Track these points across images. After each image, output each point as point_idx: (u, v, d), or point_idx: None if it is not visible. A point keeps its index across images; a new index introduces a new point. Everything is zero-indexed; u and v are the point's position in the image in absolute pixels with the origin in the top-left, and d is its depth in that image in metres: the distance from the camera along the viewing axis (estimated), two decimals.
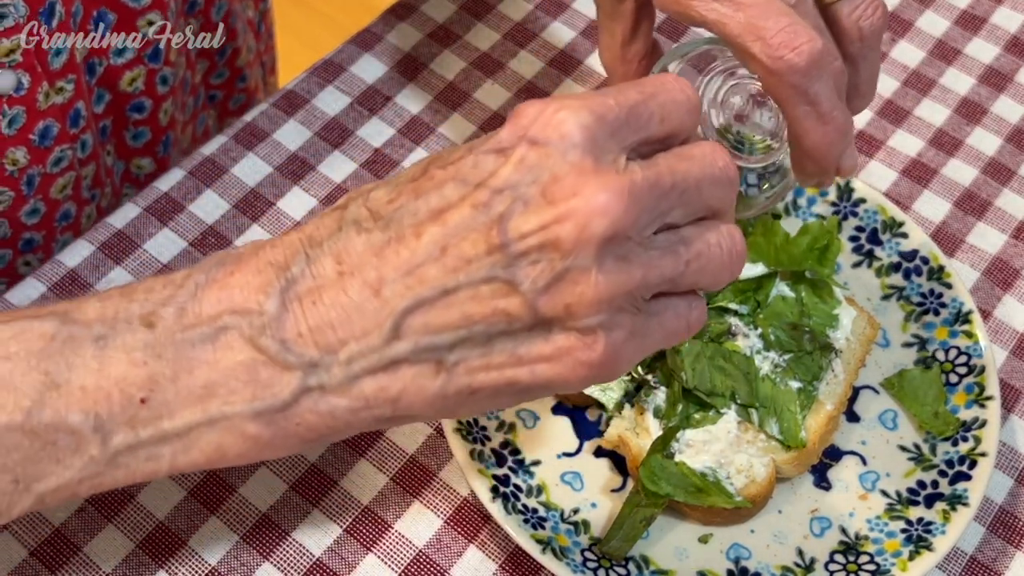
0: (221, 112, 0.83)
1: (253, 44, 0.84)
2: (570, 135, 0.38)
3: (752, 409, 0.57)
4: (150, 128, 0.73)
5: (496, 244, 0.39)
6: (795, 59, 0.44)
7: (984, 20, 0.79)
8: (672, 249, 0.41)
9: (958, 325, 0.61)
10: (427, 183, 0.40)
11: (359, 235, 0.40)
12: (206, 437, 0.41)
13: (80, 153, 0.67)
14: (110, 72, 0.68)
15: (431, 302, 0.39)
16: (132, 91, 0.70)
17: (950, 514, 0.55)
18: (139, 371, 0.40)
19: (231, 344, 0.40)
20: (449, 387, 0.41)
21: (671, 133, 0.41)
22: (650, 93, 0.41)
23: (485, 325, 0.40)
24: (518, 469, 0.57)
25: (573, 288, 0.39)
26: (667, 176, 0.40)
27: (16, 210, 0.65)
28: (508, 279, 0.39)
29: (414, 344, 0.40)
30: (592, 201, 0.38)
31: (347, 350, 0.40)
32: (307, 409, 0.41)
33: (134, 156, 0.74)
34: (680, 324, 0.43)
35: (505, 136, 0.40)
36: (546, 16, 0.76)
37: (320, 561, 0.55)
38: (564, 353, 0.40)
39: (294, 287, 0.40)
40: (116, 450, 0.41)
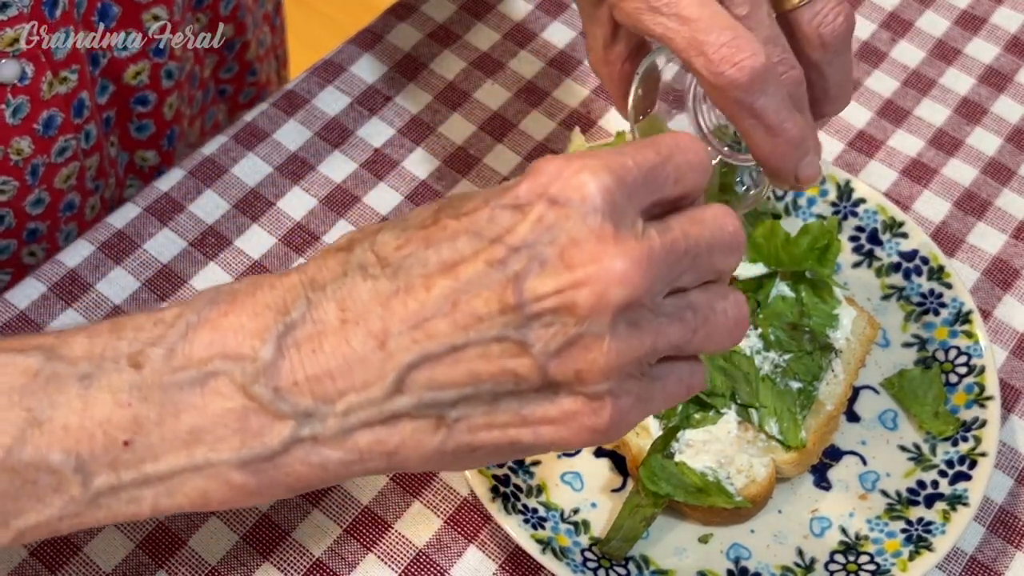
0: (231, 106, 0.83)
1: (268, 38, 0.84)
2: (591, 198, 0.38)
3: (752, 409, 0.57)
4: (154, 121, 0.73)
5: (510, 304, 0.38)
6: (736, 75, 0.44)
7: (984, 20, 0.79)
8: (680, 316, 0.40)
9: (958, 325, 0.61)
10: (439, 232, 0.39)
11: (365, 281, 0.39)
12: (190, 483, 0.40)
13: (84, 143, 0.67)
14: (114, 64, 0.68)
15: (438, 358, 0.38)
16: (136, 84, 0.69)
17: (950, 514, 0.55)
18: (124, 412, 0.39)
19: (221, 390, 0.39)
20: (448, 443, 0.40)
21: (684, 195, 0.41)
22: (667, 155, 0.40)
23: (492, 384, 0.39)
24: (518, 469, 0.57)
25: (585, 354, 0.38)
26: (681, 242, 0.39)
27: (20, 200, 0.65)
28: (520, 340, 0.38)
29: (418, 399, 0.39)
30: (611, 269, 0.37)
31: (345, 401, 0.39)
32: (298, 460, 0.40)
33: (138, 148, 0.74)
34: (682, 388, 0.42)
35: (523, 192, 0.39)
36: (546, 16, 0.76)
37: (320, 561, 0.55)
38: (570, 417, 0.39)
39: (292, 332, 0.39)
40: (97, 491, 0.40)
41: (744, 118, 0.46)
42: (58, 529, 0.41)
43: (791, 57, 0.47)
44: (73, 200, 0.69)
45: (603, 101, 0.72)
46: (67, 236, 0.70)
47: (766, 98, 0.45)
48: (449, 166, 0.69)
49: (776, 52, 0.46)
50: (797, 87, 0.47)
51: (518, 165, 0.69)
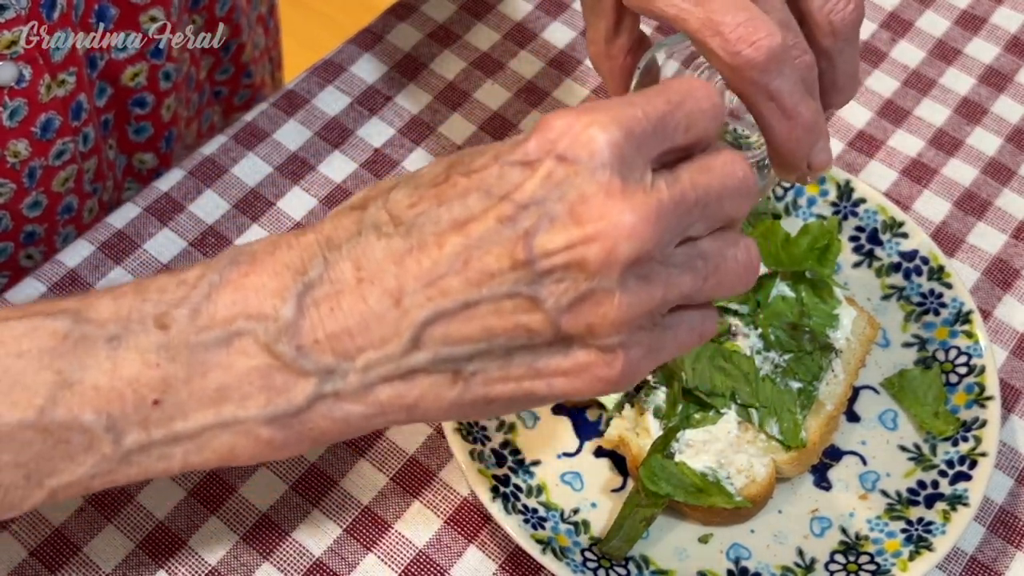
0: (227, 108, 0.83)
1: (261, 40, 0.84)
2: (599, 153, 0.38)
3: (752, 409, 0.57)
4: (152, 123, 0.73)
5: (521, 260, 0.38)
6: (753, 54, 0.44)
7: (984, 20, 0.79)
8: (691, 265, 0.41)
9: (958, 325, 0.61)
10: (450, 190, 0.40)
11: (379, 240, 0.40)
12: (219, 439, 0.41)
13: (82, 146, 0.67)
14: (112, 66, 0.68)
15: (452, 314, 0.39)
16: (134, 86, 0.69)
17: (950, 514, 0.55)
18: (152, 372, 0.40)
19: (245, 349, 0.40)
20: (466, 396, 0.41)
21: (696, 142, 0.41)
22: (677, 102, 0.40)
23: (506, 339, 0.40)
24: (518, 469, 0.57)
25: (596, 308, 0.39)
26: (691, 192, 0.40)
27: (18, 203, 0.65)
28: (531, 295, 0.39)
29: (433, 355, 0.40)
30: (620, 224, 0.38)
31: (364, 357, 0.40)
32: (321, 415, 0.41)
33: (136, 151, 0.74)
34: (693, 336, 0.43)
35: (532, 148, 0.39)
36: (546, 16, 0.76)
37: (320, 561, 0.55)
38: (583, 369, 0.40)
39: (311, 292, 0.40)
40: (128, 449, 0.41)
41: (760, 100, 0.46)
42: (90, 487, 0.42)
43: (804, 42, 0.47)
44: (71, 203, 0.69)
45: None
46: (65, 239, 0.70)
47: (782, 79, 0.45)
48: None
49: (789, 36, 0.46)
50: (809, 72, 0.47)
51: None
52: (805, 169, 0.48)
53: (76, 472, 0.41)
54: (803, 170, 0.48)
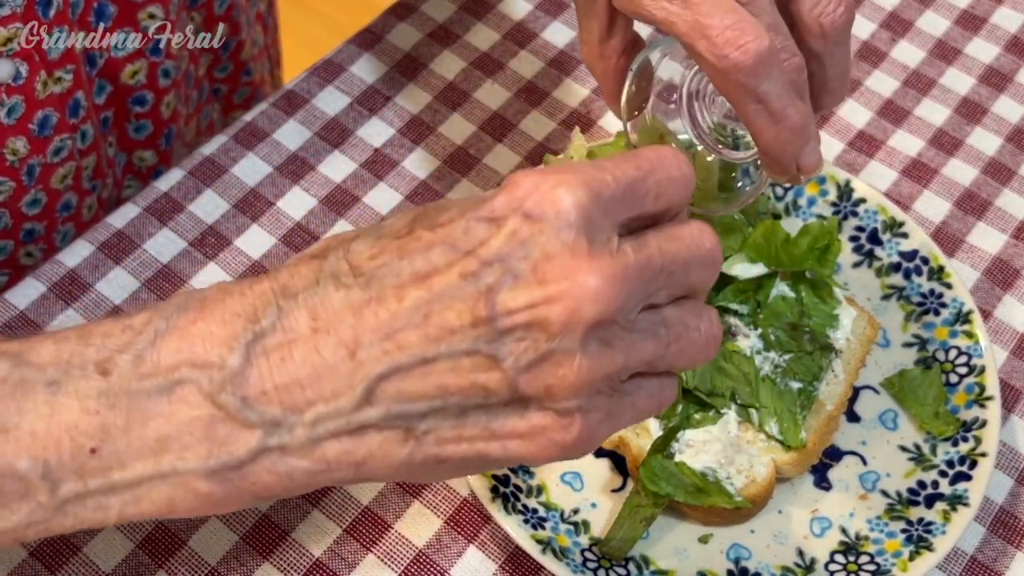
0: (226, 106, 0.83)
1: (260, 38, 0.84)
2: (566, 213, 0.38)
3: (752, 409, 0.57)
4: (152, 121, 0.72)
5: (482, 317, 0.38)
6: (740, 57, 0.44)
7: (984, 20, 0.79)
8: (654, 331, 0.40)
9: (958, 325, 0.61)
10: (413, 243, 0.39)
11: (337, 291, 0.39)
12: (156, 491, 0.39)
13: (80, 143, 0.67)
14: (111, 64, 0.68)
15: (408, 369, 0.38)
16: (134, 84, 0.69)
17: (950, 514, 0.55)
18: (91, 420, 0.39)
19: (188, 398, 0.39)
20: (417, 455, 0.40)
21: (665, 210, 0.41)
22: (648, 170, 0.40)
23: (461, 397, 0.39)
24: (518, 469, 0.57)
25: (556, 370, 0.38)
26: (657, 258, 0.39)
27: (17, 200, 0.65)
28: (491, 354, 0.38)
29: (386, 411, 0.38)
30: (584, 286, 0.37)
31: (314, 411, 0.38)
32: (264, 469, 0.39)
33: (136, 148, 0.74)
34: (652, 403, 0.42)
35: (499, 205, 0.38)
36: (546, 16, 0.76)
37: (320, 561, 0.55)
38: (539, 432, 0.39)
39: (262, 341, 0.38)
40: (64, 498, 0.39)
41: (748, 103, 0.45)
42: (24, 536, 0.40)
43: (793, 45, 0.47)
44: (70, 200, 0.69)
45: (603, 101, 0.72)
46: (64, 236, 0.70)
47: (770, 82, 0.45)
48: (449, 166, 0.69)
49: (778, 39, 0.46)
50: (799, 75, 0.47)
51: (518, 165, 0.69)
52: (795, 171, 0.48)
53: (10, 520, 0.39)
54: (793, 172, 0.48)
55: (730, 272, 0.59)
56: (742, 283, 0.59)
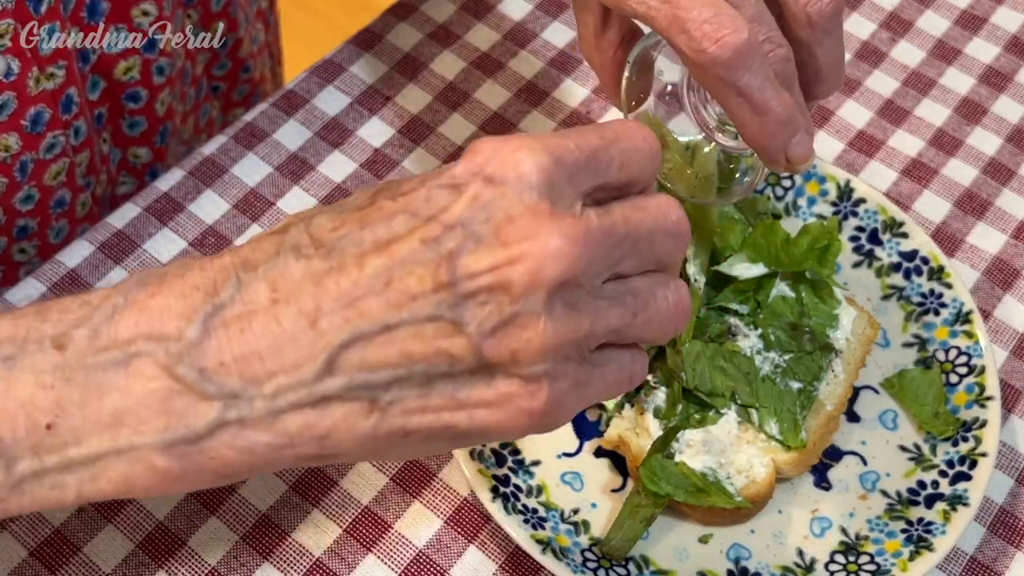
0: (225, 104, 0.83)
1: (261, 35, 0.83)
2: (527, 175, 0.37)
3: (752, 409, 0.57)
4: (146, 118, 0.72)
5: (444, 282, 0.37)
6: (718, 51, 0.43)
7: (984, 20, 0.79)
8: (620, 300, 0.40)
9: (958, 325, 0.61)
10: (375, 213, 0.39)
11: (298, 262, 0.38)
12: (113, 467, 0.39)
13: (73, 140, 0.67)
14: (104, 60, 0.67)
15: (370, 337, 0.37)
16: (127, 80, 0.69)
17: (950, 514, 0.55)
18: (46, 395, 0.38)
19: (144, 371, 0.38)
20: (381, 428, 0.39)
21: (629, 181, 0.40)
22: (611, 139, 0.40)
23: (425, 365, 0.38)
24: (518, 469, 0.57)
25: (521, 334, 0.37)
26: (621, 225, 0.39)
27: (9, 196, 0.65)
28: (454, 319, 0.37)
29: (348, 381, 0.38)
30: (546, 245, 0.37)
31: (274, 382, 0.38)
32: (223, 443, 0.38)
33: (131, 145, 0.74)
34: (623, 376, 0.41)
35: (460, 171, 0.38)
36: (546, 16, 0.76)
37: (320, 561, 0.55)
38: (506, 400, 0.39)
39: (221, 313, 0.38)
40: (21, 476, 0.39)
41: (728, 96, 0.45)
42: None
43: (778, 35, 0.46)
44: (63, 197, 0.69)
45: (603, 101, 0.72)
46: (58, 233, 0.70)
47: (750, 75, 0.44)
48: None
49: (762, 30, 0.46)
50: (784, 65, 0.46)
51: None
52: (784, 163, 0.48)
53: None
54: (783, 163, 0.48)
55: (730, 272, 0.59)
56: (742, 283, 0.59)
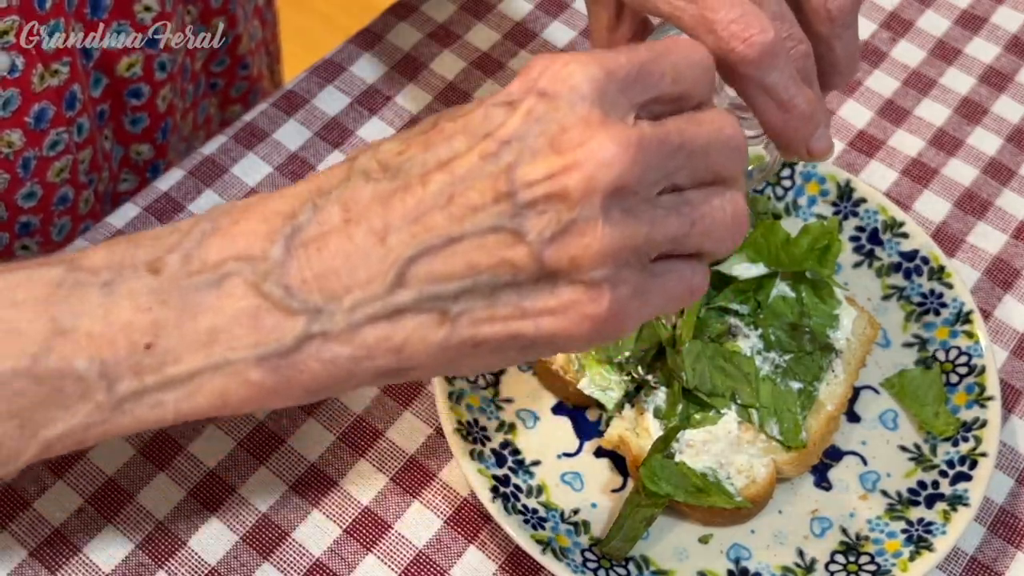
0: (223, 100, 0.83)
1: (258, 32, 0.83)
2: (579, 87, 0.39)
3: (752, 409, 0.57)
4: (148, 114, 0.72)
5: (503, 193, 0.38)
6: (746, 51, 0.44)
7: (984, 20, 0.79)
8: (677, 209, 0.41)
9: (959, 325, 0.61)
10: (437, 135, 0.40)
11: (367, 184, 0.40)
12: (210, 383, 0.41)
13: (77, 137, 0.67)
14: (107, 56, 0.68)
15: (436, 250, 0.39)
16: (130, 76, 0.69)
17: (951, 514, 0.55)
18: (144, 317, 0.40)
19: (234, 290, 0.40)
20: (453, 338, 0.40)
21: (683, 94, 0.41)
22: (662, 52, 0.41)
23: (490, 275, 0.39)
24: (518, 469, 0.57)
25: (579, 240, 0.38)
26: (675, 135, 0.40)
27: (12, 193, 0.65)
28: (514, 229, 0.39)
29: (418, 293, 0.40)
30: (599, 152, 0.38)
31: (351, 297, 0.40)
32: (310, 356, 0.41)
33: (133, 142, 0.74)
34: (683, 288, 0.42)
35: (515, 89, 0.40)
36: (546, 16, 0.76)
37: (320, 561, 0.55)
38: (569, 306, 0.40)
39: (299, 234, 0.40)
40: (122, 396, 0.41)
41: (755, 94, 0.46)
42: (84, 440, 0.42)
43: (799, 32, 0.47)
44: (66, 194, 0.69)
45: None
46: (60, 230, 0.70)
47: (776, 73, 0.45)
48: None
49: (784, 27, 0.46)
50: (805, 61, 0.47)
51: None
52: (806, 155, 0.49)
53: (70, 422, 0.41)
54: (804, 156, 0.49)
55: (730, 272, 0.59)
56: (742, 283, 0.59)
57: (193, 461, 0.57)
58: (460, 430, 0.55)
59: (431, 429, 0.59)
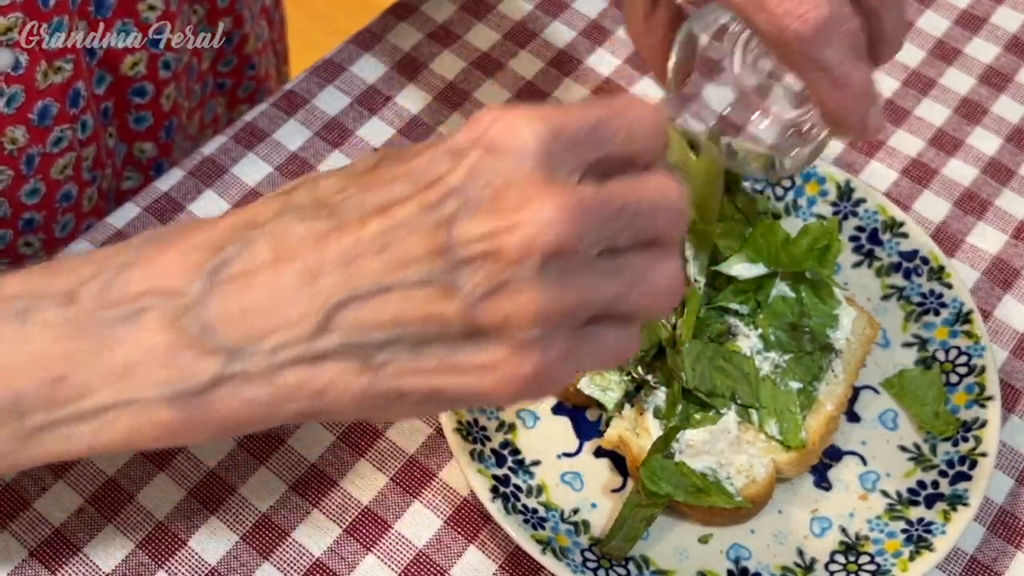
0: (231, 100, 0.83)
1: (265, 32, 0.83)
2: (526, 144, 0.38)
3: (752, 409, 0.57)
4: (152, 113, 0.72)
5: (440, 246, 0.38)
6: (800, 28, 0.44)
7: (984, 20, 0.79)
8: (615, 272, 0.40)
9: (958, 325, 0.61)
10: (378, 177, 0.39)
11: (302, 222, 0.39)
12: (122, 419, 0.40)
13: (80, 134, 0.67)
14: (111, 55, 0.67)
15: (366, 297, 0.38)
16: (134, 75, 0.69)
17: (950, 514, 0.55)
18: (58, 347, 0.39)
19: (149, 325, 0.39)
20: (374, 387, 0.39)
21: (633, 154, 0.40)
22: (615, 112, 0.40)
23: (418, 328, 0.38)
24: (518, 469, 0.57)
25: (513, 300, 0.38)
26: (619, 198, 0.39)
27: (16, 190, 0.65)
28: (448, 283, 0.38)
29: (343, 339, 0.38)
30: (540, 214, 0.37)
31: (274, 338, 0.38)
32: (226, 396, 0.39)
33: (136, 140, 0.74)
34: (613, 351, 0.41)
35: (462, 139, 0.39)
36: (546, 16, 0.76)
37: (320, 561, 0.55)
38: (496, 365, 0.39)
39: (225, 269, 0.39)
40: (33, 427, 0.40)
41: (810, 71, 0.45)
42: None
43: (849, 7, 0.47)
44: (70, 191, 0.69)
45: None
46: (64, 227, 0.70)
47: (831, 49, 0.45)
48: None
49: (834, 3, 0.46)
50: (857, 37, 0.47)
51: None
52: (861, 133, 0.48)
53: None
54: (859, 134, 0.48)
55: (730, 272, 0.59)
56: (742, 283, 0.59)
57: (193, 461, 0.57)
58: (460, 430, 0.55)
59: (431, 429, 0.59)
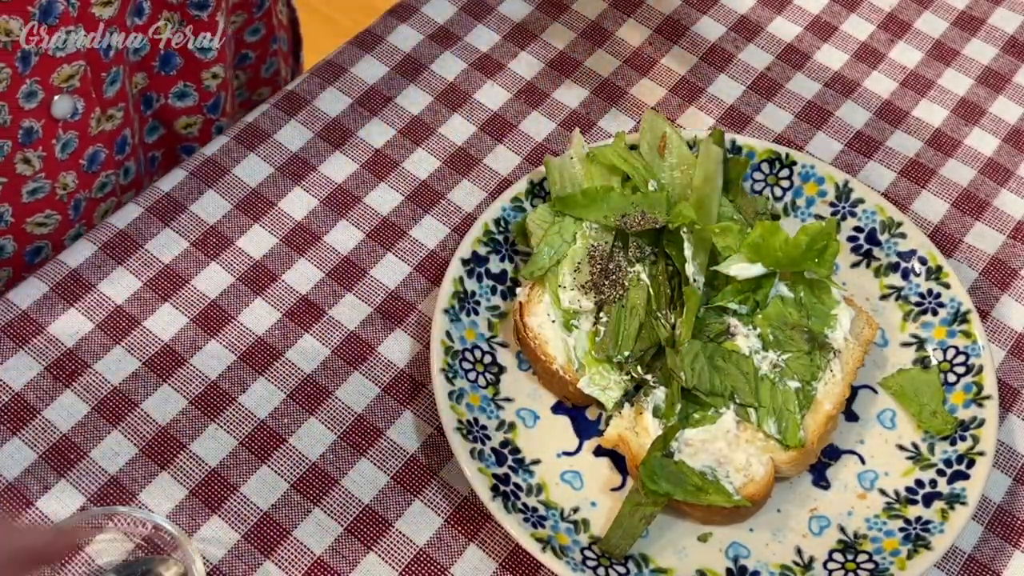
0: (252, 78, 0.82)
1: (284, 8, 0.84)
2: None
3: (751, 409, 0.57)
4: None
5: None
6: None
7: (982, 21, 0.79)
8: None
9: (956, 325, 0.61)
10: None
11: None
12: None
13: (123, 179, 0.69)
14: (166, 110, 0.69)
15: None
16: (186, 134, 0.71)
17: (948, 513, 0.55)
18: None
19: None
20: None
21: None
22: None
23: None
24: (518, 468, 0.57)
25: None
26: None
27: (61, 234, 0.67)
28: None
29: None
30: None
31: None
32: None
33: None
34: None
35: None
36: (546, 18, 0.76)
37: (321, 560, 0.56)
38: None
39: None
40: None
41: None
42: None
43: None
44: None
45: (603, 101, 0.73)
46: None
47: None
48: (449, 166, 0.69)
49: None
50: None
51: (518, 165, 0.69)
52: None
53: None
54: None
55: (729, 272, 0.59)
56: (741, 283, 0.59)
57: (195, 460, 0.58)
58: (460, 429, 0.56)
59: (431, 428, 0.59)
